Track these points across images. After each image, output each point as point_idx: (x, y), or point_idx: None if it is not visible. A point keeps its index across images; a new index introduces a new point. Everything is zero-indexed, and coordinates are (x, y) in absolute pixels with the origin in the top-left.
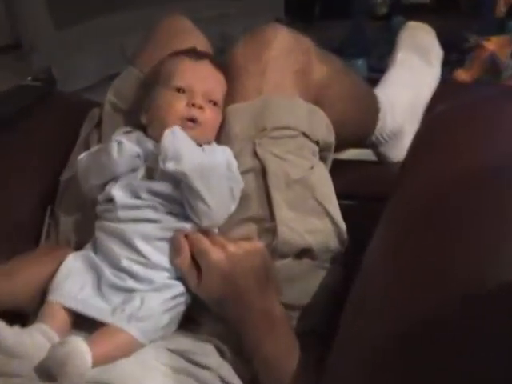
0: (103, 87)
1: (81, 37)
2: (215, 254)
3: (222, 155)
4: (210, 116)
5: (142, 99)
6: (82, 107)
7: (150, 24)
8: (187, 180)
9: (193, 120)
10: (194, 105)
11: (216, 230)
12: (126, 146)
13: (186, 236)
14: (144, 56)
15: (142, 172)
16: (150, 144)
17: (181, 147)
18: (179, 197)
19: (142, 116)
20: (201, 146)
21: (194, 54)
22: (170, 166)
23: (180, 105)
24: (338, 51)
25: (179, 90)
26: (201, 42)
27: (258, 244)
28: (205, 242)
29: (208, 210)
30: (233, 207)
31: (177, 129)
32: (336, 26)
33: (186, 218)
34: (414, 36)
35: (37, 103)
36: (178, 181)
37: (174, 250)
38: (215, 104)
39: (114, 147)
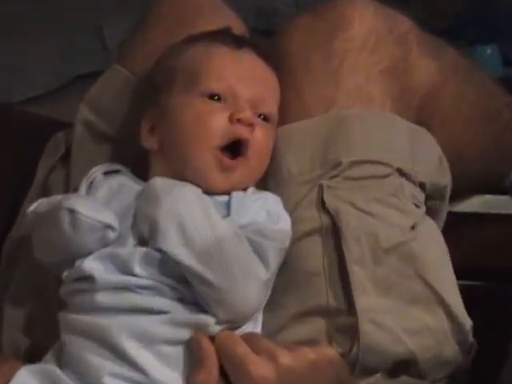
0: (66, 96)
1: (31, 16)
2: (259, 368)
3: (255, 212)
4: (260, 139)
5: (142, 113)
6: (39, 130)
7: None
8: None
9: (238, 146)
10: (239, 120)
11: (258, 329)
12: (82, 219)
13: (212, 338)
14: (139, 48)
15: (131, 237)
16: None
17: (167, 219)
18: None
19: (146, 137)
20: (229, 194)
21: (231, 38)
22: (153, 244)
23: (218, 119)
24: (449, 33)
25: (213, 96)
26: (233, 25)
27: (328, 351)
28: (242, 349)
29: (218, 295)
30: (262, 275)
31: (161, 181)
32: None
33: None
34: None
35: None
36: None
37: (194, 361)
38: (266, 119)
39: (64, 219)
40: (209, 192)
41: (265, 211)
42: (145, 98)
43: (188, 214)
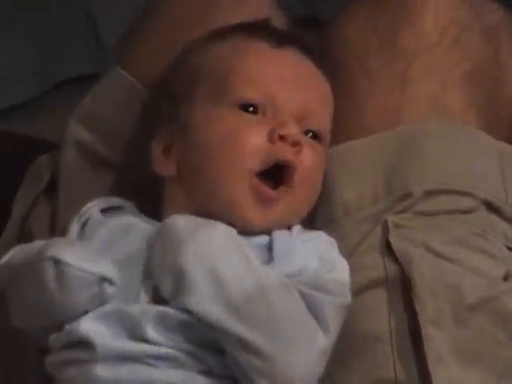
0: (47, 109)
1: None
2: None
3: (307, 257)
4: (310, 163)
5: (154, 130)
6: (11, 151)
7: None
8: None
9: (280, 172)
10: (282, 138)
11: None
12: (73, 272)
13: None
14: (144, 44)
15: (144, 292)
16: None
17: (194, 267)
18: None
19: (160, 162)
20: (269, 235)
21: (270, 33)
22: (177, 302)
23: (256, 137)
24: None
25: (247, 106)
26: (265, 11)
27: None
28: None
29: (264, 363)
30: (320, 339)
31: (183, 221)
32: None
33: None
34: None
35: None
36: None
37: None
38: (316, 137)
39: (48, 273)
40: (244, 232)
41: (317, 256)
42: (157, 112)
43: (222, 261)
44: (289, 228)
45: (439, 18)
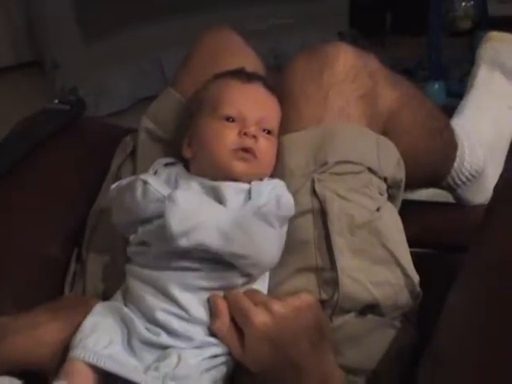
0: (135, 112)
1: (112, 52)
2: (258, 317)
3: (268, 195)
4: (264, 146)
5: (184, 129)
6: (115, 135)
7: (192, 37)
8: (211, 250)
9: (246, 150)
10: (246, 134)
11: (266, 283)
12: (151, 189)
13: (226, 296)
14: (185, 77)
15: None
16: (194, 183)
17: (187, 216)
18: None
19: (185, 149)
20: (249, 183)
21: (243, 75)
22: (183, 242)
23: (230, 135)
24: (410, 73)
25: (228, 118)
26: (252, 61)
27: (308, 298)
28: (245, 303)
29: (250, 262)
30: (282, 243)
31: (176, 194)
32: (409, 43)
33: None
34: (497, 50)
35: (64, 130)
36: None
37: (212, 314)
38: (269, 133)
39: (138, 188)
40: (236, 180)
41: (272, 197)
42: (185, 121)
43: (196, 215)
44: (261, 179)
45: (345, 65)
